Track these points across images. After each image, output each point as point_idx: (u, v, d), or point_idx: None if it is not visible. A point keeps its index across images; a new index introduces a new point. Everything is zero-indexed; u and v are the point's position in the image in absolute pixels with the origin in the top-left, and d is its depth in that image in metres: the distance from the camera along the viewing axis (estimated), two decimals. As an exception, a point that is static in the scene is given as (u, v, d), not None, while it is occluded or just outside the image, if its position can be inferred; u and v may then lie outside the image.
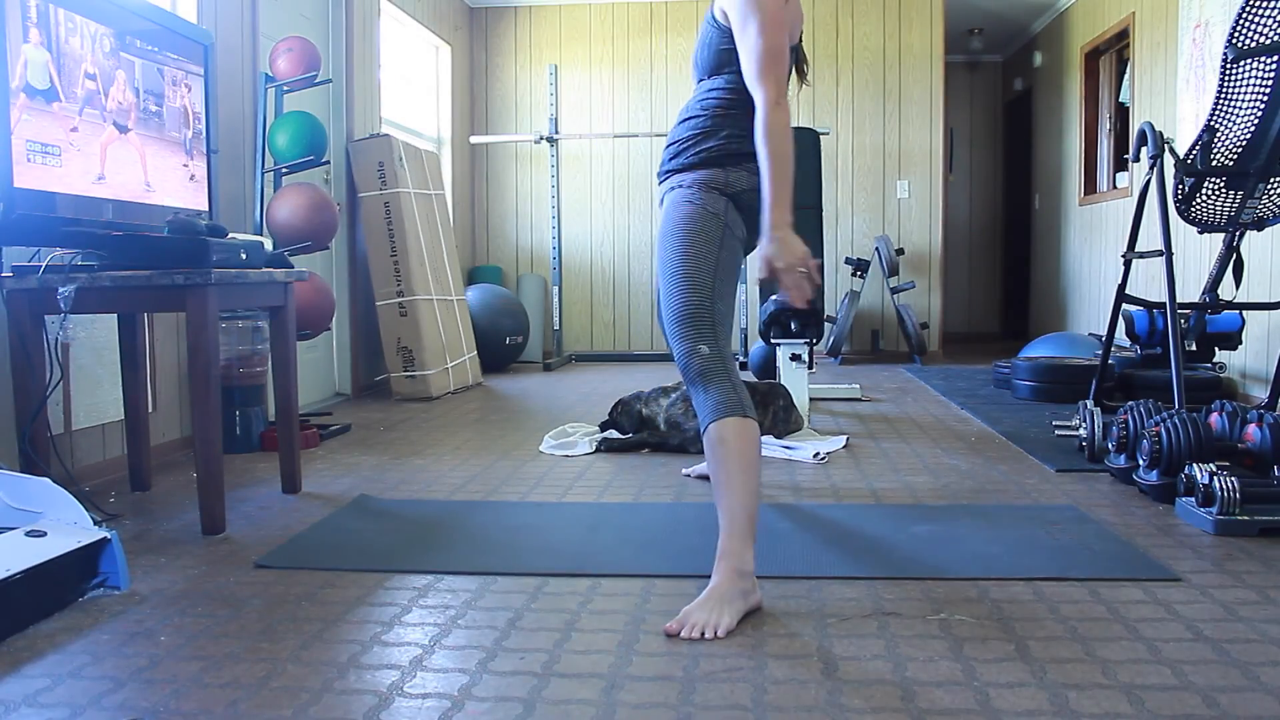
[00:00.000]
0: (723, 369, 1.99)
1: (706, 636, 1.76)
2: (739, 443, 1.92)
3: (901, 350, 7.32)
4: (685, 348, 2.01)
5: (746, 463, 1.92)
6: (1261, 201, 3.16)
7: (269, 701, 1.52)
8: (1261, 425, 2.66)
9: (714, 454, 1.93)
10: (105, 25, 2.62)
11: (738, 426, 1.92)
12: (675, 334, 2.04)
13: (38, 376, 2.58)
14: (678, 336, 2.03)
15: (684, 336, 2.02)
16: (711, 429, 1.94)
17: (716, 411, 1.94)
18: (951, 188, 9.15)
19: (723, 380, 1.97)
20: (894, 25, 7.23)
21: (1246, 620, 1.83)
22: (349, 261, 5.28)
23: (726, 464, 1.91)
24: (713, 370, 1.98)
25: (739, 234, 2.12)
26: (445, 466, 3.36)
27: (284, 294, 2.95)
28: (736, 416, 1.93)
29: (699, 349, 2.00)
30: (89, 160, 2.56)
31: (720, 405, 1.94)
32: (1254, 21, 2.94)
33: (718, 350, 2.00)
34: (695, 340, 2.01)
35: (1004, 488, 2.97)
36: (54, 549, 1.93)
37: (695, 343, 2.00)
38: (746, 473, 1.91)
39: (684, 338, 2.02)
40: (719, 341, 2.02)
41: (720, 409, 1.94)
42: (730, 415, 1.93)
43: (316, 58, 4.12)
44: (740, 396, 1.96)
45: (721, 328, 2.04)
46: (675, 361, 2.04)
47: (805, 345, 4.27)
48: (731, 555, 1.89)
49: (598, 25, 7.39)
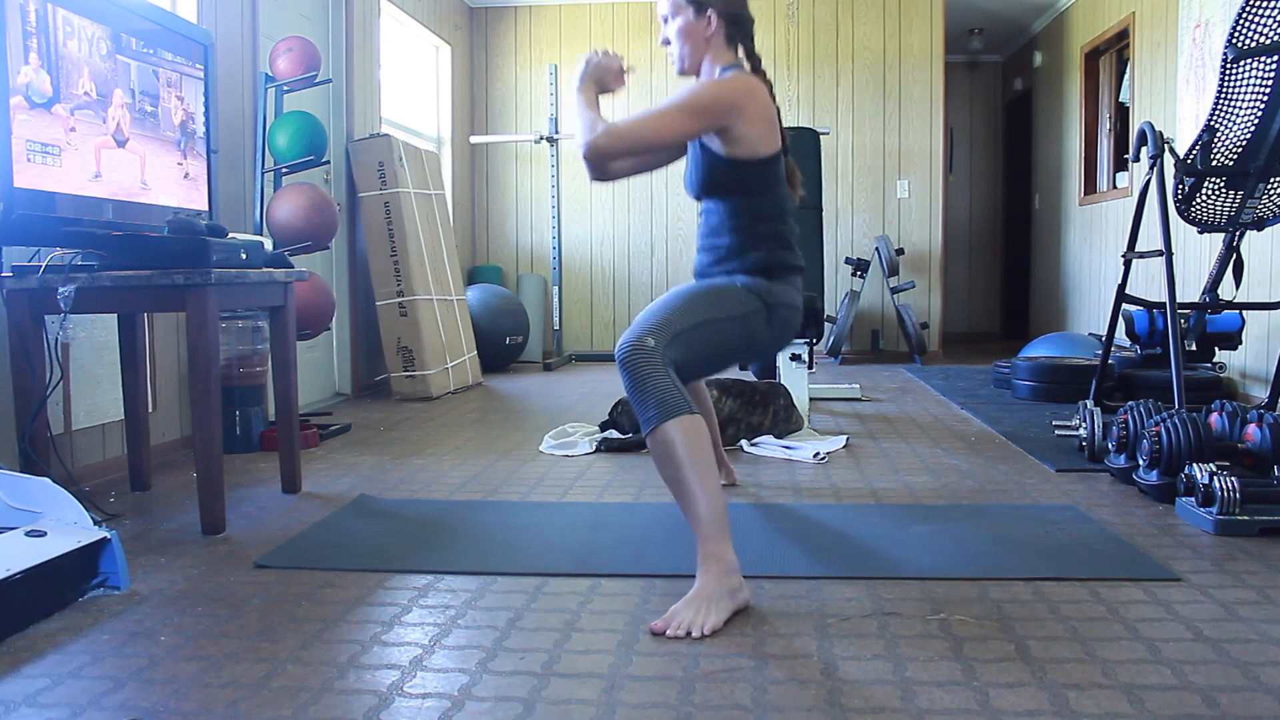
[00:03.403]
0: (661, 367, 1.94)
1: (693, 635, 1.76)
2: (688, 442, 1.89)
3: (901, 350, 7.32)
4: (632, 336, 1.99)
5: (700, 461, 1.89)
6: (1261, 201, 3.16)
7: (269, 701, 1.52)
8: (1261, 425, 2.66)
9: (666, 458, 1.90)
10: (105, 25, 2.62)
11: (683, 426, 1.89)
12: (632, 327, 2.03)
13: (38, 376, 2.58)
14: (632, 328, 2.02)
15: (638, 329, 2.01)
16: (657, 433, 1.90)
17: (660, 414, 1.90)
18: (951, 188, 9.16)
19: (659, 378, 1.93)
20: (894, 25, 7.23)
21: (1246, 620, 1.83)
22: (349, 261, 5.28)
23: (680, 468, 1.89)
24: (650, 365, 1.94)
25: (762, 335, 2.20)
26: (445, 466, 3.36)
27: (284, 294, 2.95)
28: (679, 415, 1.90)
29: (645, 341, 1.97)
30: (86, 160, 2.56)
31: (662, 405, 1.90)
32: (1254, 21, 2.94)
33: (662, 354, 1.97)
34: (646, 335, 1.98)
35: (1004, 488, 2.97)
36: (54, 549, 1.93)
37: (644, 336, 1.98)
38: (703, 471, 1.89)
39: (638, 330, 2.00)
40: (670, 353, 1.98)
41: (662, 410, 1.90)
42: (672, 416, 1.90)
43: (316, 58, 4.12)
44: (679, 393, 1.92)
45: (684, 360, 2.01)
46: (616, 349, 2.01)
47: (805, 345, 4.27)
48: (711, 555, 1.87)
49: (598, 25, 7.39)
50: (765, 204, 2.25)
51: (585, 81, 2.29)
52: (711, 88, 2.16)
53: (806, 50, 7.28)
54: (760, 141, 2.21)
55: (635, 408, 1.95)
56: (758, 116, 2.19)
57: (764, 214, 2.25)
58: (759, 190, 2.25)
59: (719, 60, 2.32)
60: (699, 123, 2.13)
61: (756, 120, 2.18)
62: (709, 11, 2.29)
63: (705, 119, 2.13)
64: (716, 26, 2.30)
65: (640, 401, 1.93)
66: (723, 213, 2.28)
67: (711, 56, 2.32)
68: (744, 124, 2.17)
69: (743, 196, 2.25)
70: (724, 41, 2.32)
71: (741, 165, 2.22)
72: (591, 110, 2.20)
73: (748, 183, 2.24)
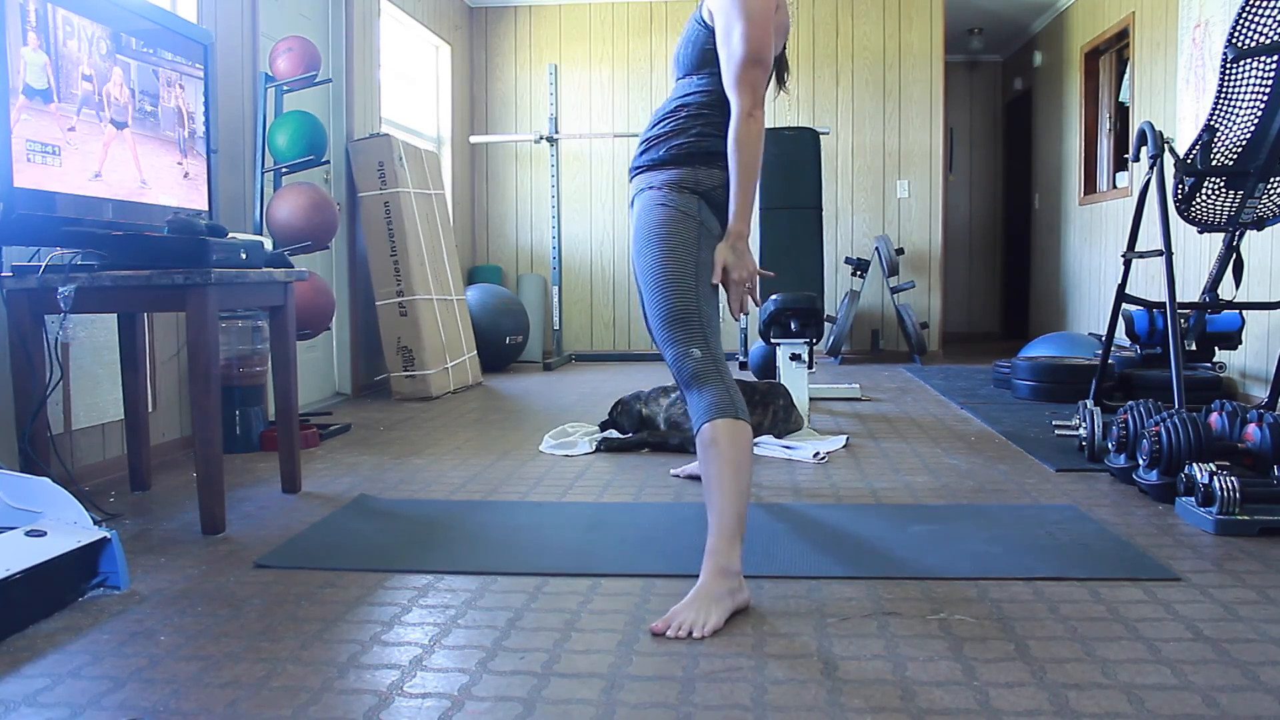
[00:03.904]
0: (715, 370, 1.99)
1: (694, 635, 1.76)
2: (730, 444, 1.92)
3: (901, 350, 7.32)
4: (677, 352, 2.01)
5: (737, 464, 1.92)
6: (1261, 201, 3.16)
7: (269, 701, 1.52)
8: (1261, 425, 2.66)
9: (705, 454, 1.94)
10: (104, 25, 2.62)
11: (729, 428, 1.92)
12: (664, 339, 2.04)
13: (38, 376, 2.58)
14: (668, 341, 2.03)
15: (674, 341, 2.02)
16: (704, 430, 1.94)
17: (709, 413, 1.94)
18: (951, 188, 9.15)
19: (715, 381, 1.97)
20: (894, 25, 7.23)
21: (1246, 620, 1.83)
22: (349, 261, 5.28)
23: (718, 465, 1.91)
24: (705, 372, 1.98)
25: (714, 231, 2.10)
26: (445, 466, 3.36)
27: (284, 294, 2.95)
28: (728, 418, 1.93)
29: (691, 353, 2.00)
30: (86, 159, 2.56)
31: (713, 406, 1.94)
32: (1254, 21, 2.94)
33: (709, 352, 2.00)
34: (686, 344, 2.01)
35: (1004, 487, 2.97)
36: (54, 549, 1.93)
37: (686, 346, 2.00)
38: (737, 474, 1.91)
39: (674, 342, 2.02)
40: (709, 342, 2.01)
41: (713, 410, 1.94)
42: (722, 416, 1.93)
43: (316, 57, 4.12)
44: (733, 398, 1.96)
45: (710, 328, 2.03)
46: (669, 366, 2.04)
47: (805, 345, 4.27)
48: (719, 555, 1.89)
49: (598, 25, 7.39)
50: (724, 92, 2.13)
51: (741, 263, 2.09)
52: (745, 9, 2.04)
53: (806, 50, 7.28)
54: None
55: (690, 410, 1.99)
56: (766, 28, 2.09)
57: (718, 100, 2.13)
58: None
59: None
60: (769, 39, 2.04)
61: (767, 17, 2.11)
62: None
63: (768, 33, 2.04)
64: None
65: (695, 402, 1.97)
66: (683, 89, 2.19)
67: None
68: None
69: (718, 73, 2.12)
70: None
71: None
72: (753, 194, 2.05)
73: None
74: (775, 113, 7.13)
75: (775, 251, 5.79)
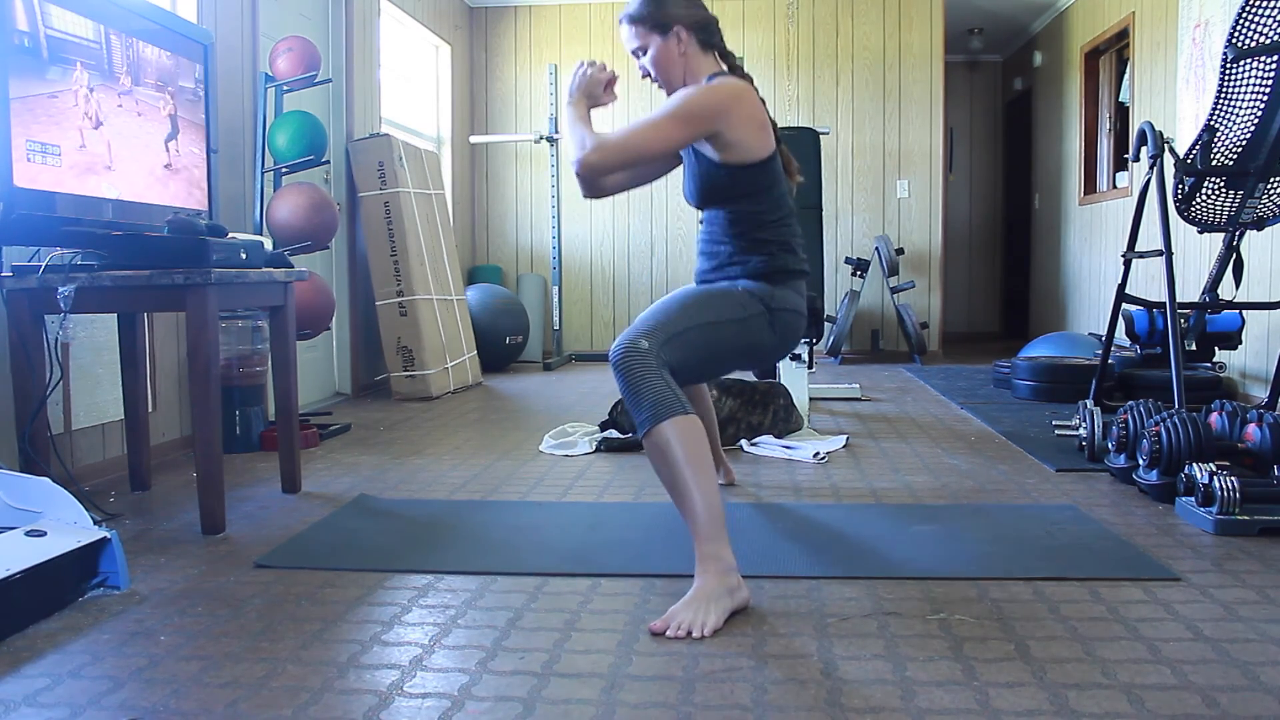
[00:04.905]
0: (655, 368, 1.95)
1: (694, 635, 1.76)
2: (685, 443, 1.89)
3: (901, 350, 7.32)
4: (626, 339, 1.99)
5: (697, 461, 1.89)
6: (1261, 201, 3.16)
7: (269, 701, 1.52)
8: (1261, 425, 2.66)
9: (662, 459, 1.90)
10: (104, 24, 2.62)
11: (679, 426, 1.89)
12: (627, 330, 2.03)
13: (38, 376, 2.58)
14: (627, 331, 2.02)
15: (633, 331, 2.01)
16: (653, 434, 1.90)
17: (655, 415, 1.90)
18: (951, 188, 9.15)
19: (653, 378, 1.93)
20: (894, 25, 7.23)
21: (1246, 620, 1.83)
22: (349, 261, 5.28)
23: (677, 468, 1.89)
24: (643, 366, 1.94)
25: (765, 339, 2.19)
26: (445, 466, 3.36)
27: (284, 294, 2.95)
28: (675, 416, 1.90)
29: (639, 343, 1.97)
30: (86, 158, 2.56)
31: (657, 406, 1.91)
32: (1254, 21, 2.94)
33: (657, 355, 1.97)
34: (640, 337, 1.99)
35: (1004, 487, 2.97)
36: (54, 549, 1.93)
37: (638, 338, 1.98)
38: (700, 471, 1.89)
39: (632, 332, 2.01)
40: (665, 354, 1.98)
41: (658, 411, 1.90)
42: (668, 416, 1.90)
43: (316, 57, 4.12)
44: (674, 393, 1.93)
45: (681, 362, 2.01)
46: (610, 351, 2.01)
47: (805, 345, 4.27)
48: (709, 556, 1.88)
49: (598, 25, 7.39)
50: (764, 208, 2.25)
51: (576, 96, 2.25)
52: (699, 95, 2.15)
53: (806, 50, 7.28)
54: (753, 144, 2.21)
55: (630, 409, 1.95)
56: (748, 119, 2.18)
57: (764, 218, 2.24)
58: (757, 194, 2.25)
59: (701, 72, 2.31)
60: (689, 130, 2.12)
61: (747, 122, 2.18)
62: (675, 29, 2.27)
63: (695, 126, 2.12)
64: (687, 40, 2.28)
65: (635, 403, 1.93)
66: (723, 220, 2.28)
67: (693, 70, 2.30)
68: (735, 129, 2.17)
69: (742, 202, 2.24)
70: (699, 51, 2.30)
71: (738, 170, 2.22)
72: (583, 125, 2.16)
73: (745, 188, 2.24)
74: (775, 113, 7.13)
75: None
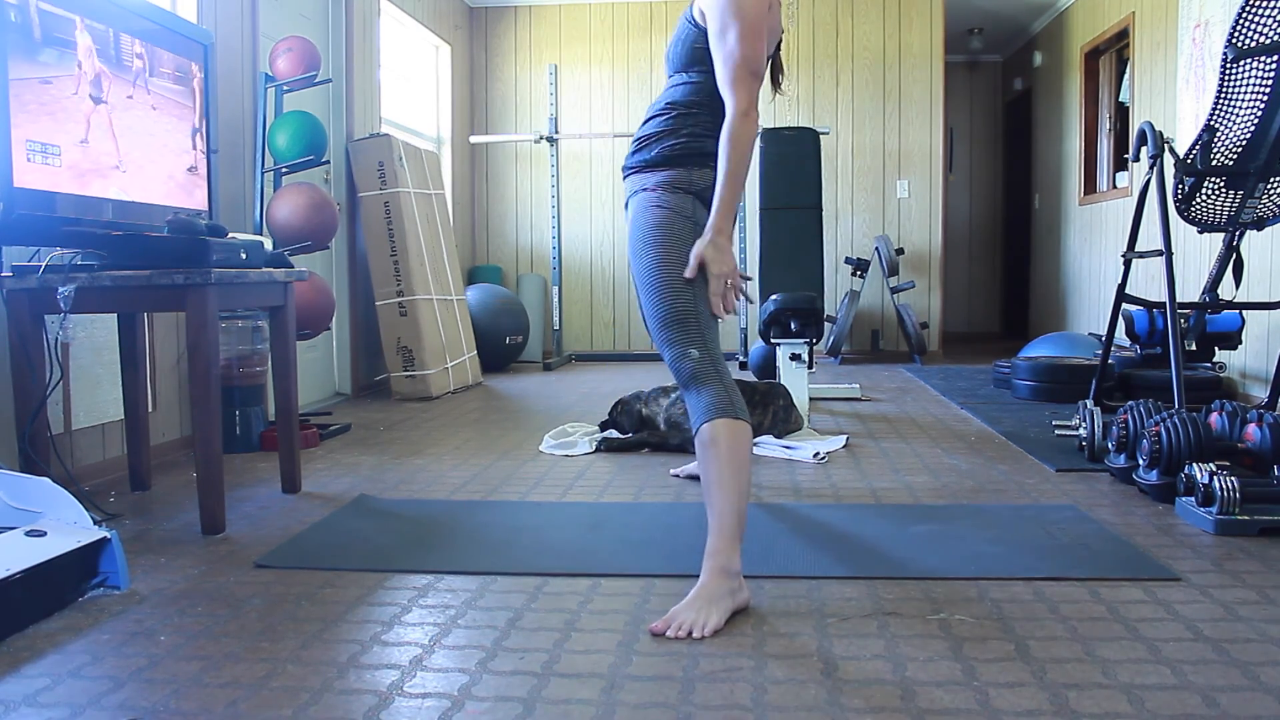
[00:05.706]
0: (714, 370, 1.99)
1: (694, 635, 1.76)
2: (730, 444, 1.92)
3: (901, 350, 7.32)
4: (675, 352, 2.02)
5: (737, 464, 1.92)
6: (1261, 201, 3.16)
7: (269, 701, 1.52)
8: (1261, 425, 2.66)
9: (705, 454, 1.94)
10: (104, 24, 2.62)
11: (729, 428, 1.93)
12: (663, 340, 2.04)
13: (38, 376, 2.58)
14: (666, 342, 2.04)
15: (672, 341, 2.03)
16: (704, 429, 1.94)
17: (708, 413, 1.95)
18: (951, 188, 9.16)
19: (714, 381, 1.98)
20: (894, 25, 7.23)
21: (1246, 620, 1.83)
22: (349, 261, 5.28)
23: (717, 465, 1.92)
24: (704, 372, 1.99)
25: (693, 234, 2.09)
26: (445, 466, 3.36)
27: (284, 294, 2.95)
28: (728, 418, 1.93)
29: (689, 353, 2.00)
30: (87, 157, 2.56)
31: (712, 406, 1.95)
32: (1254, 21, 2.94)
33: (707, 352, 2.01)
34: (684, 345, 2.01)
35: (1004, 487, 2.97)
36: (54, 549, 1.93)
37: (684, 347, 2.01)
38: (737, 474, 1.92)
39: (673, 342, 2.02)
40: (708, 343, 2.02)
41: (712, 410, 1.95)
42: (721, 416, 1.93)
43: (316, 57, 4.12)
44: (732, 397, 1.97)
45: (708, 328, 2.04)
46: (668, 366, 2.05)
47: (805, 345, 4.27)
48: (719, 555, 1.90)
49: (598, 25, 7.39)
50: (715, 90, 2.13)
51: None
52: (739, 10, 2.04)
53: (806, 50, 7.28)
54: None
55: (688, 406, 2.00)
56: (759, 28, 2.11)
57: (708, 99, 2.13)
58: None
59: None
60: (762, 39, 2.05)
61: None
62: None
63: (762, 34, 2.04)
64: None
65: (694, 403, 1.98)
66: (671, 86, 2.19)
67: None
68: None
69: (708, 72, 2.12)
70: None
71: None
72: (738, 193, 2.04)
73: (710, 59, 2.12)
74: (775, 113, 7.14)
75: (775, 251, 5.79)
